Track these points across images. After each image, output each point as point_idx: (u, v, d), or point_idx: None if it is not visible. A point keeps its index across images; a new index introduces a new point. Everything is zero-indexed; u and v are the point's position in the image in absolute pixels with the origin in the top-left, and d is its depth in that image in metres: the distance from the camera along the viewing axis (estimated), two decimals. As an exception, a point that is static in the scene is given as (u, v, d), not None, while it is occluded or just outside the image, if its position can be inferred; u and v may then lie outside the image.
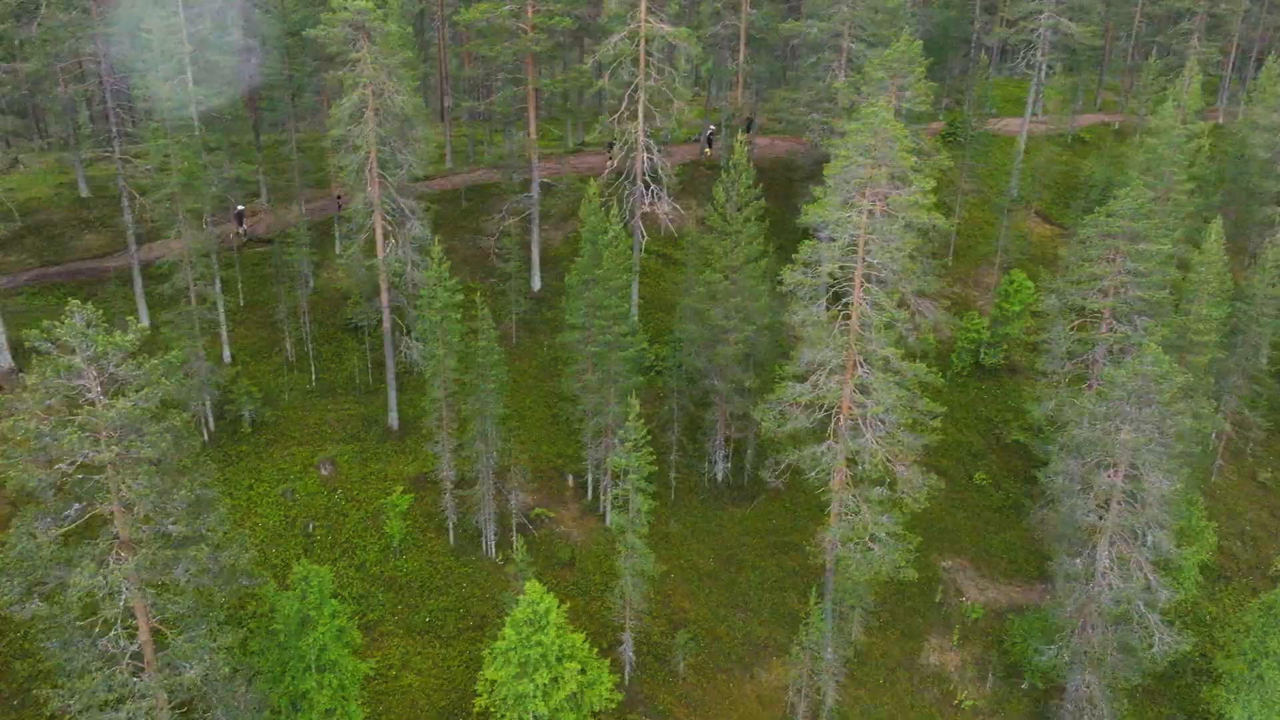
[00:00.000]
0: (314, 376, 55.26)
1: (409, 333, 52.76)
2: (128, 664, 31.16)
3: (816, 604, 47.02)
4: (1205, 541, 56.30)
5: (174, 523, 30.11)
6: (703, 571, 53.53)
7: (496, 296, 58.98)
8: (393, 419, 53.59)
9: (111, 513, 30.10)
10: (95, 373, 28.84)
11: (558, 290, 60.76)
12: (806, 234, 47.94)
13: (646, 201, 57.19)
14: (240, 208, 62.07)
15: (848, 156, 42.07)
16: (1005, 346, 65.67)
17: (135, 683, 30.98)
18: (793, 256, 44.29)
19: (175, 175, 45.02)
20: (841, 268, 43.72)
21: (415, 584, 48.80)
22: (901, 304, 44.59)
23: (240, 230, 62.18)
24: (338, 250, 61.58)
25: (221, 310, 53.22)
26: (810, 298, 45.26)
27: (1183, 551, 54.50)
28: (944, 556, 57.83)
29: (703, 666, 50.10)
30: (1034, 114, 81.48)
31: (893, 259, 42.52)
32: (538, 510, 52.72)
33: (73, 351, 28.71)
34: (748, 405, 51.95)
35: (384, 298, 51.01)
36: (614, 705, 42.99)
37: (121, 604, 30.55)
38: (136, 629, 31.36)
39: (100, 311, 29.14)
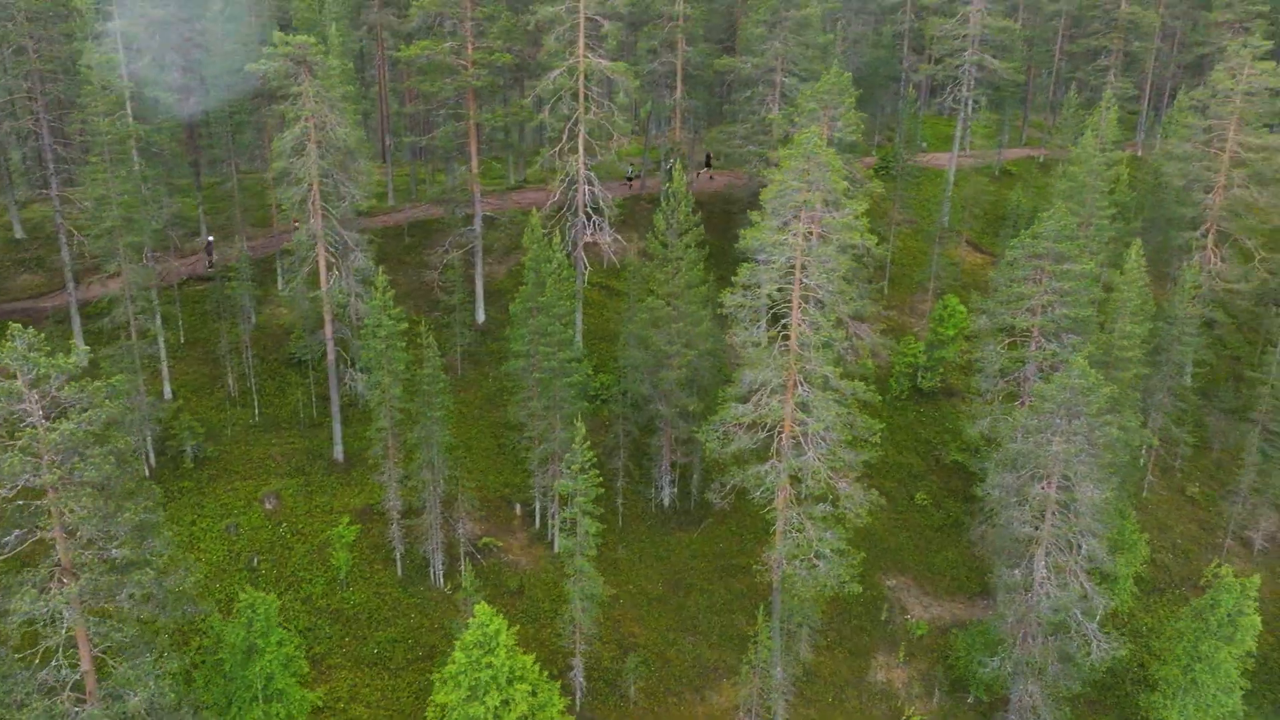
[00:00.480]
0: (257, 411, 54.95)
1: (353, 365, 52.82)
2: (69, 694, 30.69)
3: (765, 622, 47.52)
4: (1138, 553, 57.97)
5: (118, 547, 29.88)
6: (651, 596, 53.84)
7: (441, 329, 59.22)
8: (338, 452, 53.43)
9: (53, 539, 29.83)
10: (37, 397, 28.73)
11: (502, 323, 61.32)
12: (745, 261, 49.09)
13: (588, 232, 58.08)
14: (210, 238, 61.88)
15: (783, 181, 43.37)
16: (941, 370, 67.36)
17: (77, 713, 30.49)
18: (732, 280, 45.38)
19: (115, 209, 44.88)
20: (780, 290, 44.87)
21: (363, 615, 48.45)
22: (838, 324, 45.69)
23: (210, 262, 61.91)
24: (280, 286, 61.53)
25: (162, 345, 52.85)
26: (750, 320, 46.33)
27: (1116, 562, 56.35)
28: (888, 575, 58.80)
29: (653, 690, 50.25)
30: (962, 148, 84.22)
31: (829, 280, 43.78)
32: (485, 539, 52.75)
33: (14, 376, 28.60)
34: (692, 429, 52.71)
35: (328, 329, 51.09)
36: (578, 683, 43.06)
37: (63, 632, 30.19)
38: (78, 658, 30.93)
39: (42, 335, 29.11)
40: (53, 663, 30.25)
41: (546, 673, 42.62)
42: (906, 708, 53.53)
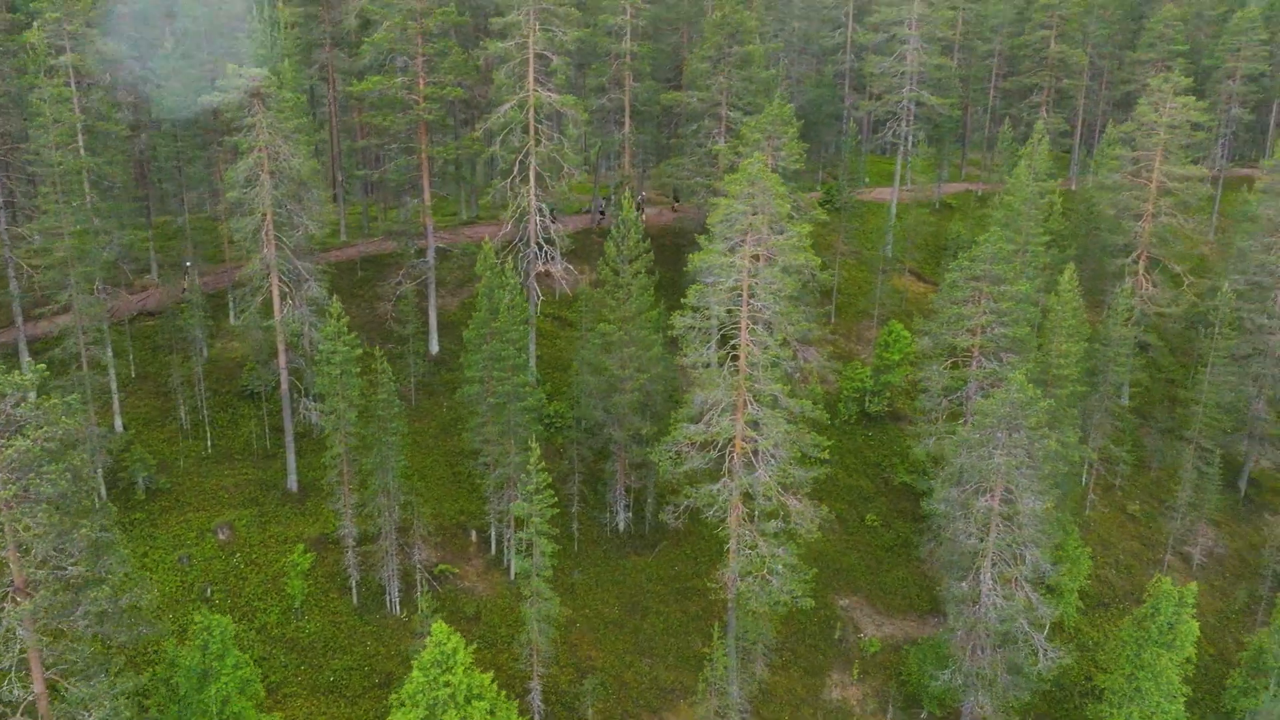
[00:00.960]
0: (209, 443, 54.84)
1: (307, 394, 53.02)
2: (21, 719, 30.48)
3: (720, 640, 48.12)
4: (1082, 567, 59.46)
5: (74, 564, 29.88)
6: (608, 619, 54.20)
7: (395, 360, 59.54)
8: (292, 481, 53.43)
9: (4, 557, 29.78)
10: (-9, 419, 28.85)
11: (455, 354, 61.84)
12: (695, 284, 50.32)
13: (540, 263, 59.04)
14: (188, 262, 61.71)
15: (729, 205, 44.78)
16: (888, 394, 68.91)
17: (30, 734, 30.28)
18: (682, 303, 46.53)
19: (68, 239, 45.04)
20: (728, 311, 46.10)
21: (318, 644, 48.30)
22: (785, 344, 46.94)
23: (186, 287, 61.70)
24: (233, 319, 61.64)
25: (113, 378, 52.71)
26: (700, 341, 47.47)
27: (1061, 575, 57.87)
28: (841, 595, 59.70)
29: (611, 712, 50.46)
30: (903, 183, 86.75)
31: (775, 301, 45.10)
32: (442, 566, 52.88)
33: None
34: (645, 452, 53.48)
35: (281, 359, 51.35)
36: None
37: (16, 652, 30.04)
38: (30, 680, 30.74)
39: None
40: (4, 684, 29.99)
41: (504, 693, 42.76)
42: (861, 725, 54.21)
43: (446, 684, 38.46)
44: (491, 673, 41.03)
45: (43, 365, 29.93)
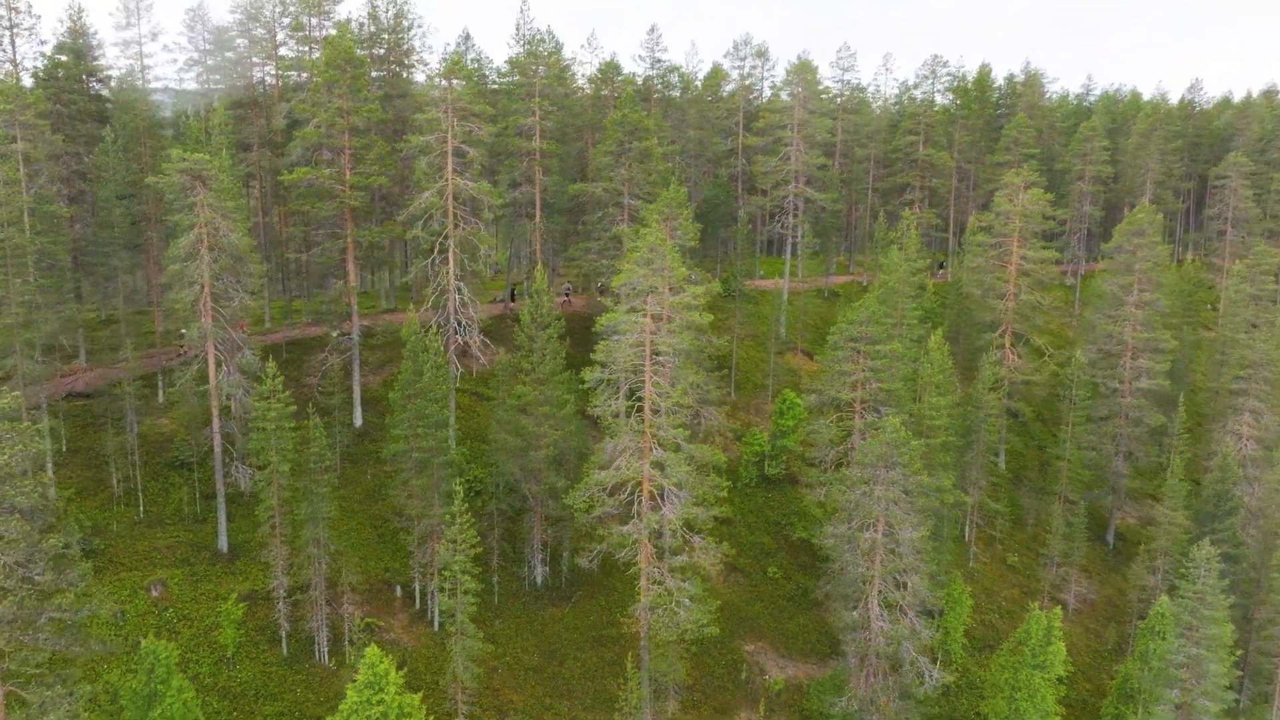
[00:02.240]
0: (142, 509, 57.10)
1: (238, 459, 55.99)
2: (-17, 723, 32.72)
3: (634, 671, 51.66)
4: (964, 606, 64.68)
5: (41, 572, 32.73)
6: (528, 665, 57.21)
7: (311, 445, 62.84)
8: (223, 542, 55.88)
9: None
10: (-32, 436, 32.01)
11: (378, 426, 65.50)
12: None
13: (459, 336, 63.60)
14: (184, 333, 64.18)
15: (632, 270, 50.37)
16: (785, 459, 74.32)
17: (-9, 736, 32.50)
18: (592, 358, 51.54)
19: (15, 308, 48.24)
20: (634, 366, 51.20)
21: (250, 692, 50.33)
22: (684, 393, 52.04)
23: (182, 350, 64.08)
24: (160, 399, 64.46)
25: (48, 447, 54.97)
26: (609, 393, 52.31)
27: (947, 617, 63.09)
28: (747, 641, 63.67)
29: (533, 751, 53.18)
30: (794, 275, 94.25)
31: (674, 354, 50.42)
32: (369, 620, 55.50)
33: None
34: (561, 508, 57.56)
35: (215, 423, 54.48)
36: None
37: (-16, 660, 32.48)
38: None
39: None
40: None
41: (432, 718, 45.54)
42: (769, 758, 57.70)
43: (380, 702, 41.28)
44: (421, 693, 43.93)
45: (17, 393, 33.00)
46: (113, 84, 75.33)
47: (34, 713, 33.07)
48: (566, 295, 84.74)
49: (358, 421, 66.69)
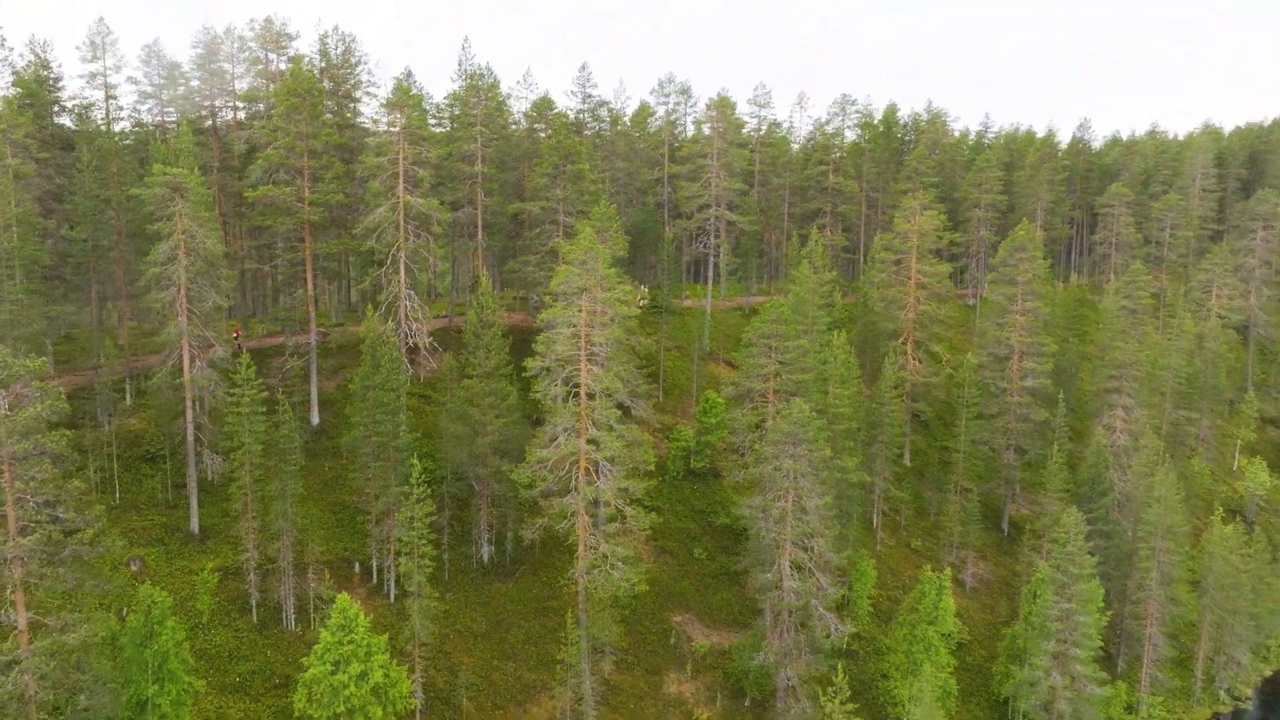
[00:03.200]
0: (118, 496, 61.88)
1: (209, 447, 61.24)
2: (12, 640, 37.94)
3: (573, 629, 57.82)
4: (869, 577, 72.02)
5: (65, 512, 38.21)
6: (476, 633, 62.99)
7: (280, 427, 68.33)
8: (194, 524, 60.93)
9: (3, 514, 37.80)
10: (2, 397, 37.53)
11: (334, 425, 71.14)
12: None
13: (409, 338, 69.74)
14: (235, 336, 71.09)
15: (568, 270, 57.27)
16: (708, 454, 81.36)
17: (18, 652, 37.75)
18: (533, 350, 58.15)
19: (7, 305, 53.41)
20: (570, 355, 57.91)
21: (224, 654, 55.40)
22: (615, 378, 58.81)
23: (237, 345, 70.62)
24: (128, 400, 69.36)
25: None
26: (549, 380, 58.87)
27: (854, 587, 70.35)
28: (675, 613, 70.15)
29: (481, 705, 58.89)
30: (715, 290, 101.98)
31: (607, 343, 57.27)
32: (330, 592, 60.83)
33: (-18, 379, 37.40)
34: (505, 489, 63.73)
35: (188, 414, 59.80)
36: (413, 706, 51.31)
37: (9, 593, 37.72)
38: (15, 615, 38.28)
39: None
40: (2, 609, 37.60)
41: (394, 662, 51.22)
42: (695, 711, 64.03)
43: (351, 641, 47.08)
44: (387, 635, 49.65)
45: (44, 358, 38.54)
46: (77, 112, 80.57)
47: (55, 635, 38.36)
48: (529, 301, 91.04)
49: (315, 420, 72.14)
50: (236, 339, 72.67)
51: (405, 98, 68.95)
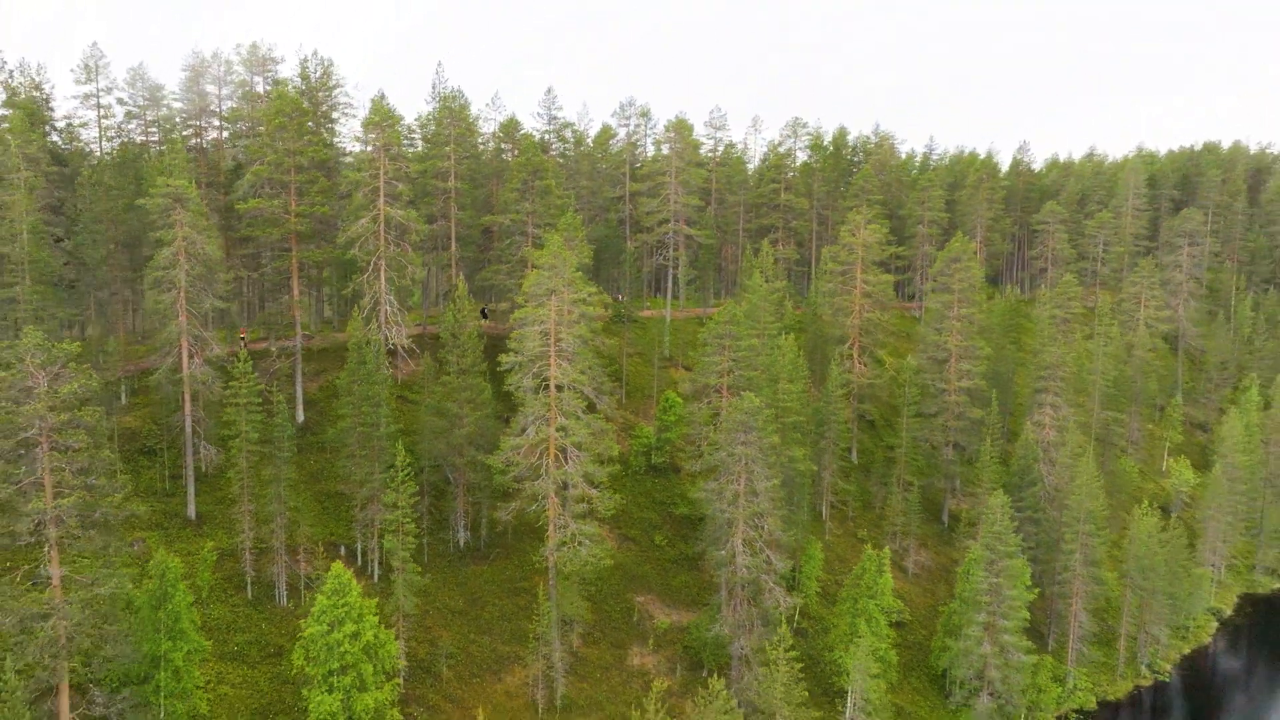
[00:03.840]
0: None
1: (205, 439, 66.04)
2: (49, 593, 42.76)
3: (545, 600, 63.09)
4: (816, 559, 77.96)
5: (96, 478, 43.18)
6: (453, 610, 68.08)
7: (274, 417, 73.26)
8: (191, 510, 65.61)
9: (42, 482, 42.68)
10: (44, 374, 42.50)
11: (318, 422, 76.13)
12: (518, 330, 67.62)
13: (389, 338, 75.01)
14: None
15: (539, 273, 62.97)
16: (668, 450, 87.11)
17: (54, 602, 42.57)
18: (508, 345, 63.68)
19: (24, 305, 58.15)
20: (541, 351, 63.50)
21: (222, 626, 60.11)
22: (582, 373, 64.45)
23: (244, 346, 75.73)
24: (123, 402, 73.94)
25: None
26: (521, 374, 64.39)
27: (803, 570, 76.19)
28: (638, 594, 75.63)
29: (460, 673, 63.98)
30: (674, 301, 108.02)
31: (574, 339, 62.95)
32: (318, 574, 65.69)
33: (22, 360, 42.38)
34: (480, 478, 69.01)
35: (186, 407, 64.62)
36: (400, 665, 56.40)
37: (46, 550, 42.57)
38: (50, 571, 43.09)
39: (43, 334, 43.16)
40: (40, 566, 42.47)
41: (381, 626, 56.19)
42: (656, 681, 69.39)
43: (345, 604, 52.11)
44: (376, 599, 54.70)
45: (76, 342, 43.55)
46: (68, 131, 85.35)
47: (88, 587, 43.22)
48: (484, 314, 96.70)
49: (300, 418, 77.00)
50: (244, 340, 77.86)
51: (385, 117, 74.55)
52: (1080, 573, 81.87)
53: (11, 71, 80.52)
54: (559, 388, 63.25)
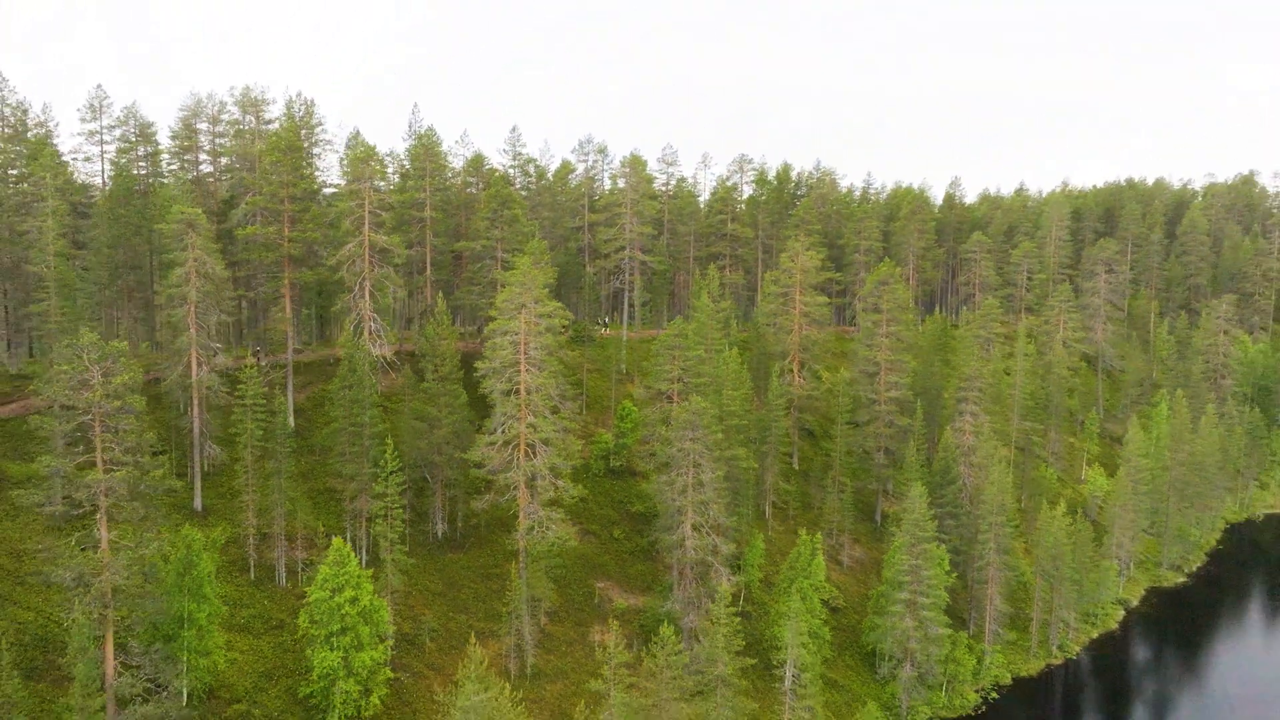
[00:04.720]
0: (130, 481, 73.86)
1: (210, 439, 73.79)
2: (99, 554, 50.56)
3: (517, 579, 71.31)
4: (759, 548, 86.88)
5: (141, 456, 51.14)
6: (434, 592, 76.06)
7: (274, 416, 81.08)
8: (198, 502, 73.16)
9: (95, 459, 50.52)
10: (99, 369, 50.51)
11: (307, 429, 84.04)
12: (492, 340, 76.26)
13: (373, 349, 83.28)
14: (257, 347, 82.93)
15: (510, 290, 71.80)
16: (626, 455, 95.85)
17: (105, 560, 50.35)
18: (483, 352, 72.29)
19: (56, 315, 65.91)
20: (512, 359, 72.18)
21: (229, 601, 67.54)
22: (550, 377, 73.06)
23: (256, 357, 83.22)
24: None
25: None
26: (495, 379, 72.98)
27: (747, 560, 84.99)
28: (599, 580, 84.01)
29: (441, 647, 71.89)
30: (630, 323, 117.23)
31: (541, 349, 71.75)
32: (312, 560, 73.47)
33: (79, 356, 50.40)
34: (457, 474, 77.26)
35: (195, 409, 72.38)
36: (393, 629, 64.41)
37: (96, 518, 50.39)
38: (99, 536, 50.82)
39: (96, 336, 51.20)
40: (93, 529, 50.27)
41: (373, 597, 64.12)
42: (616, 654, 77.63)
43: (345, 573, 60.13)
44: (371, 570, 62.67)
45: (125, 341, 51.65)
46: (71, 164, 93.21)
47: (134, 550, 51.05)
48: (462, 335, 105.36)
49: (291, 424, 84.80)
50: (256, 352, 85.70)
51: (369, 153, 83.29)
52: (994, 560, 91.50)
53: (13, 108, 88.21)
54: (529, 390, 71.92)
